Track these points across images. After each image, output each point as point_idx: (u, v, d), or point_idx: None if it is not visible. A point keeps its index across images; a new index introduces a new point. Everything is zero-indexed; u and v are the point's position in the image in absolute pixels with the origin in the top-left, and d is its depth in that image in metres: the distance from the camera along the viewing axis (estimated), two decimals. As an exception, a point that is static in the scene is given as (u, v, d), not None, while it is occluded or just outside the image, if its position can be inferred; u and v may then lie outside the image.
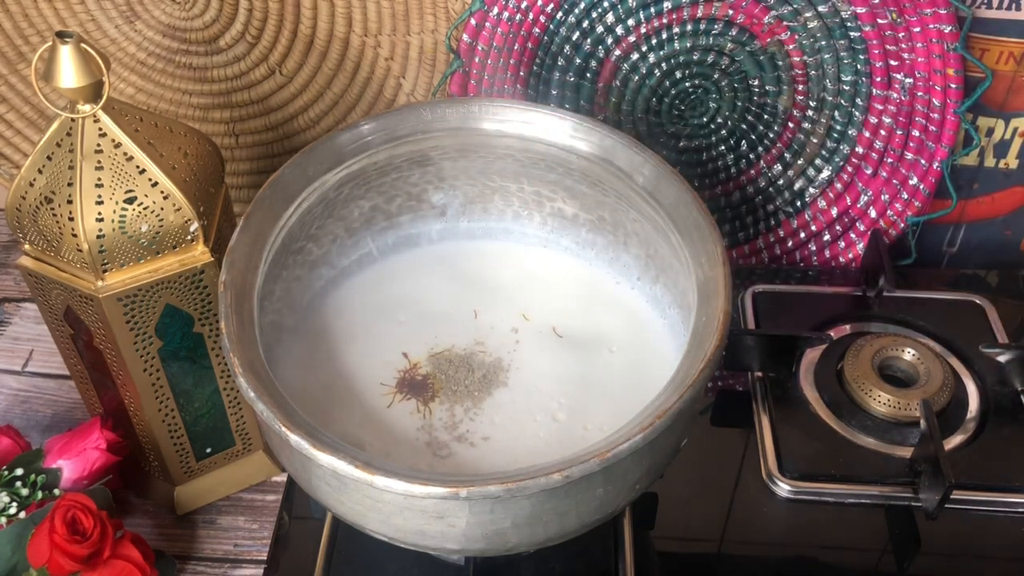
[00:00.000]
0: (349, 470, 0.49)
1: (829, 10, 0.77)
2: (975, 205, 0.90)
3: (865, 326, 0.82)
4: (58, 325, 0.65)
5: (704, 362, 0.53)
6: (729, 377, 0.79)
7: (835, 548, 0.69)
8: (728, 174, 0.87)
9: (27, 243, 0.62)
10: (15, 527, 0.61)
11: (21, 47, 0.84)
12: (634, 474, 0.54)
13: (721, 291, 0.57)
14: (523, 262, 0.75)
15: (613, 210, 0.70)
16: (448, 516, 0.51)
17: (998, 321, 0.81)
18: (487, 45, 0.79)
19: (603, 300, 0.72)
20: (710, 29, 0.79)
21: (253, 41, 0.82)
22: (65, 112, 0.58)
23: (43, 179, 0.59)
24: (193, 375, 0.67)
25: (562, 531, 0.55)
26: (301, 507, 0.72)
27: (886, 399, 0.72)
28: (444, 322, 0.69)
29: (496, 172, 0.73)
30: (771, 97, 0.83)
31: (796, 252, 0.90)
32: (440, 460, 0.60)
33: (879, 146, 0.83)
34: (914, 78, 0.79)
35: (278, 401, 0.52)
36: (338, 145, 0.66)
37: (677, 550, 0.69)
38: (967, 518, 0.69)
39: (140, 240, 0.60)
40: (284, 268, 0.66)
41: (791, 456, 0.72)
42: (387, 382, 0.65)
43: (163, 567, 0.66)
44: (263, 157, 0.90)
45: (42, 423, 0.79)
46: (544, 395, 0.64)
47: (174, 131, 0.62)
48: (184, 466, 0.72)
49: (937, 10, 0.75)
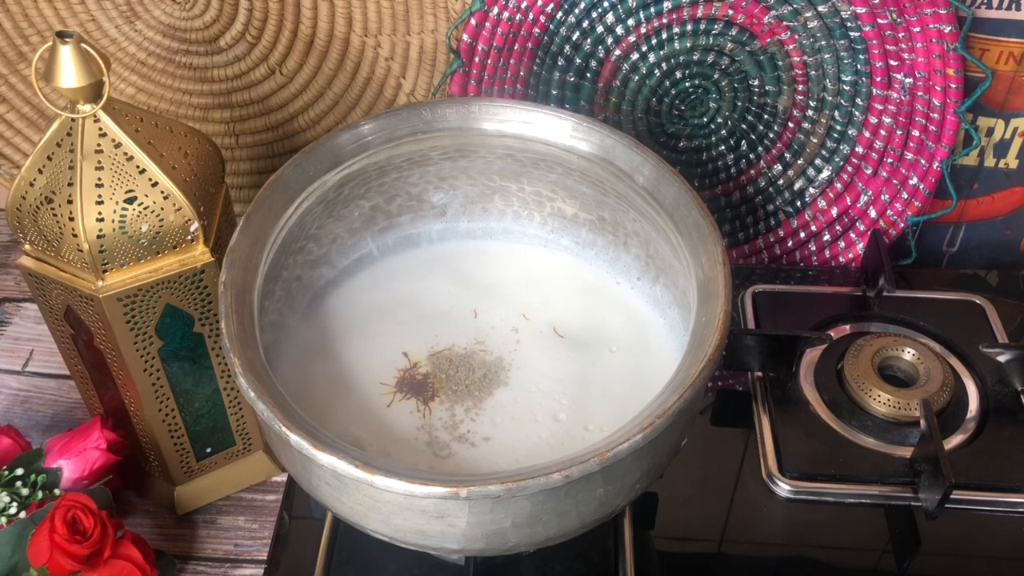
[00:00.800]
0: (349, 470, 0.49)
1: (829, 10, 0.77)
2: (975, 205, 0.90)
3: (865, 326, 0.82)
4: (58, 325, 0.65)
5: (704, 362, 0.53)
6: (729, 377, 0.79)
7: (835, 548, 0.69)
8: (728, 174, 0.87)
9: (27, 243, 0.62)
10: (15, 527, 0.61)
11: (21, 47, 0.84)
12: (634, 474, 0.54)
13: (721, 291, 0.57)
14: (523, 262, 0.75)
15: (613, 210, 0.70)
16: (448, 516, 0.51)
17: (998, 321, 0.81)
18: (487, 45, 0.79)
19: (603, 300, 0.72)
20: (710, 29, 0.79)
21: (253, 41, 0.82)
22: (65, 112, 0.58)
23: (43, 179, 0.59)
24: (193, 375, 0.67)
25: (562, 531, 0.55)
26: (301, 507, 0.72)
27: (886, 399, 0.72)
28: (444, 322, 0.69)
29: (496, 172, 0.73)
30: (771, 97, 0.83)
31: (796, 252, 0.90)
32: (441, 460, 0.61)
33: (879, 146, 0.83)
34: (914, 78, 0.79)
35: (278, 401, 0.52)
36: (338, 145, 0.66)
37: (677, 550, 0.69)
38: (967, 518, 0.69)
39: (140, 240, 0.60)
40: (284, 268, 0.66)
41: (791, 456, 0.72)
42: (387, 382, 0.65)
43: (163, 567, 0.66)
44: (263, 157, 0.90)
45: (42, 423, 0.79)
46: (545, 395, 0.65)
47: (174, 131, 0.62)
48: (184, 466, 0.72)
49: (937, 10, 0.75)
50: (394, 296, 0.71)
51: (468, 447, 0.61)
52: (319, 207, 0.67)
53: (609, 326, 0.70)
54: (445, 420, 0.63)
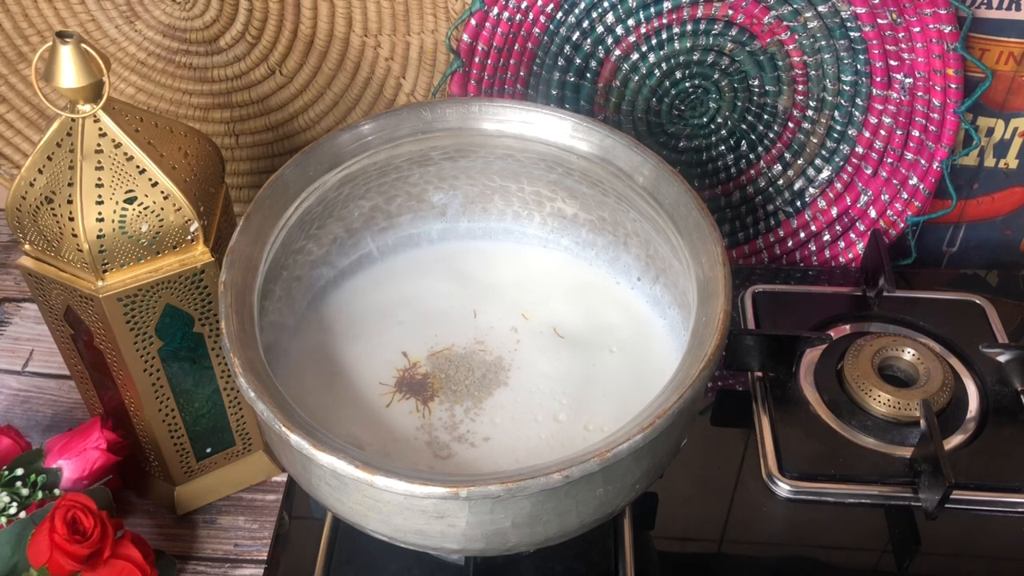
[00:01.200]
0: (349, 470, 0.49)
1: (829, 10, 0.77)
2: (975, 205, 0.90)
3: (865, 326, 0.82)
4: (58, 325, 0.65)
5: (704, 362, 0.53)
6: (729, 377, 0.79)
7: (835, 548, 0.69)
8: (728, 174, 0.87)
9: (27, 243, 0.62)
10: (15, 527, 0.61)
11: (21, 47, 0.84)
12: (634, 474, 0.54)
13: (721, 291, 0.57)
14: (523, 262, 0.75)
15: (613, 210, 0.70)
16: (448, 516, 0.51)
17: (998, 321, 0.81)
18: (487, 45, 0.79)
19: (603, 300, 0.72)
20: (710, 29, 0.79)
21: (253, 41, 0.82)
22: (65, 112, 0.58)
23: (43, 179, 0.59)
24: (193, 375, 0.67)
25: (562, 531, 0.55)
26: (301, 507, 0.72)
27: (886, 399, 0.72)
28: (444, 322, 0.69)
29: (496, 172, 0.73)
30: (771, 97, 0.83)
31: (796, 252, 0.90)
32: (441, 461, 0.61)
33: (879, 146, 0.83)
34: (914, 78, 0.79)
35: (278, 401, 0.52)
36: (338, 145, 0.66)
37: (677, 550, 0.69)
38: (967, 518, 0.69)
39: (140, 240, 0.60)
40: (284, 268, 0.66)
41: (791, 456, 0.72)
42: (386, 381, 0.65)
43: (163, 567, 0.66)
44: (263, 157, 0.90)
45: (42, 423, 0.79)
46: (545, 395, 0.64)
47: (174, 131, 0.62)
48: (184, 466, 0.72)
49: (937, 10, 0.75)
50: (394, 296, 0.71)
51: (468, 447, 0.61)
52: (319, 207, 0.67)
53: (609, 326, 0.70)
54: (445, 420, 0.63)
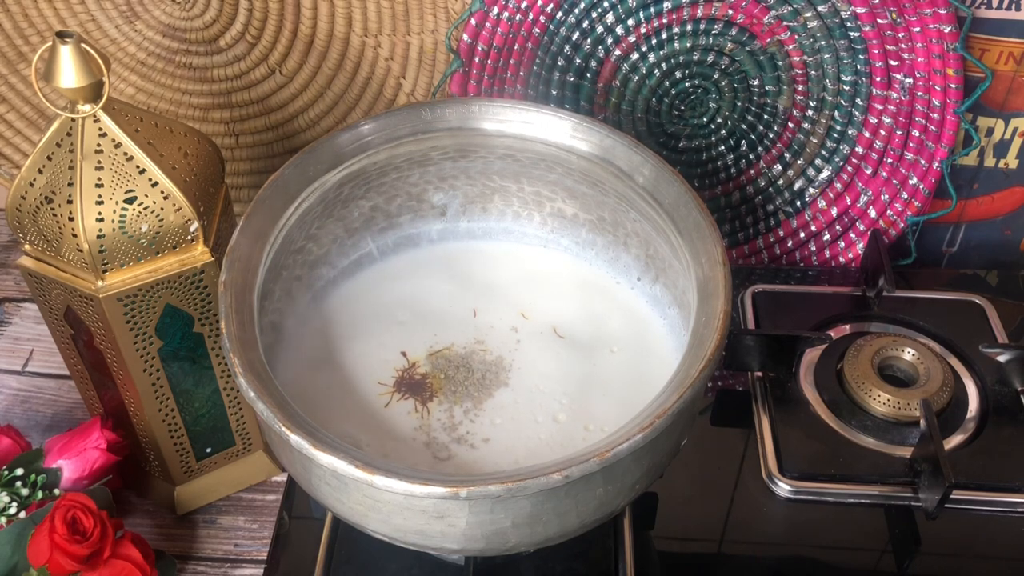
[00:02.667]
0: (349, 470, 0.49)
1: (829, 10, 0.77)
2: (975, 205, 0.90)
3: (865, 326, 0.82)
4: (58, 325, 0.65)
5: (704, 362, 0.53)
6: (729, 377, 0.79)
7: (835, 548, 0.69)
8: (728, 174, 0.87)
9: (27, 243, 0.62)
10: (15, 527, 0.61)
11: (21, 47, 0.84)
12: (634, 474, 0.54)
13: (721, 291, 0.57)
14: (523, 262, 0.75)
15: (613, 210, 0.70)
16: (448, 516, 0.51)
17: (998, 321, 0.81)
18: (487, 45, 0.79)
19: (603, 300, 0.72)
20: (710, 29, 0.79)
21: (253, 41, 0.82)
22: (65, 112, 0.58)
23: (43, 179, 0.59)
24: (193, 375, 0.67)
25: (562, 531, 0.55)
26: (301, 507, 0.72)
27: (886, 399, 0.72)
28: (444, 322, 0.69)
29: (496, 172, 0.73)
30: (771, 97, 0.83)
31: (796, 252, 0.90)
32: (440, 462, 0.60)
33: (879, 146, 0.83)
34: (914, 78, 0.79)
35: (278, 401, 0.52)
36: (338, 145, 0.66)
37: (677, 550, 0.69)
38: (967, 518, 0.69)
39: (140, 240, 0.60)
40: (284, 268, 0.66)
41: (791, 456, 0.72)
42: (385, 381, 0.65)
43: (163, 567, 0.66)
44: (263, 157, 0.90)
45: (42, 423, 0.79)
46: (545, 395, 0.64)
47: (174, 131, 0.62)
48: (184, 466, 0.72)
49: (937, 10, 0.75)
50: (394, 296, 0.71)
51: (467, 448, 0.61)
52: (319, 207, 0.67)
53: (609, 326, 0.70)
54: (444, 421, 0.63)
